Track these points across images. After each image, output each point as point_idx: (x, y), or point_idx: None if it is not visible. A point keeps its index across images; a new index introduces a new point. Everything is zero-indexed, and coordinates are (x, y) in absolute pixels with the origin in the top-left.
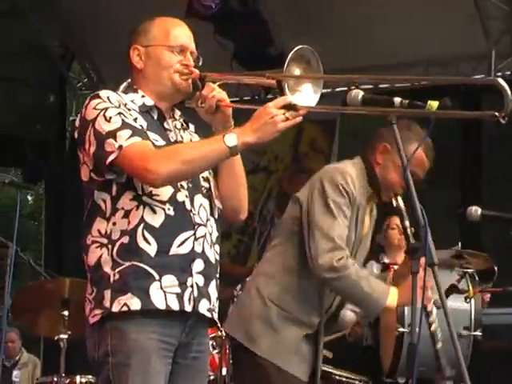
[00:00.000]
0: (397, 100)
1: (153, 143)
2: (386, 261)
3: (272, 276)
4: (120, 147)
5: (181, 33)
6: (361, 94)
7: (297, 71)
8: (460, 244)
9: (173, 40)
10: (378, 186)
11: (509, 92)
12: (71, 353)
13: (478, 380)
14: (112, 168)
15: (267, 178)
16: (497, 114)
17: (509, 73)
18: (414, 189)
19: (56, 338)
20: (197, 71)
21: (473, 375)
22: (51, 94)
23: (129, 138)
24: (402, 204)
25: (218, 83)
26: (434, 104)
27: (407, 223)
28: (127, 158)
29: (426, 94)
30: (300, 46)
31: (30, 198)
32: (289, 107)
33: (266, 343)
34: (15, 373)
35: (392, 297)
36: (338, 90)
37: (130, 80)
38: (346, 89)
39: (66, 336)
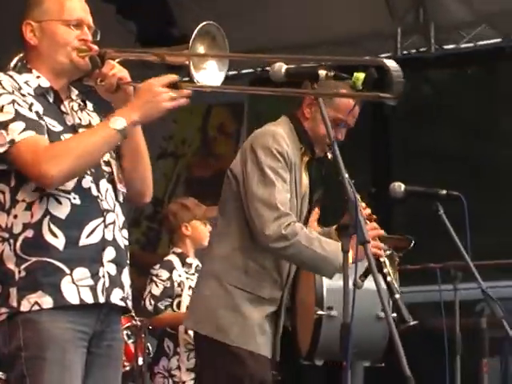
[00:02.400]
0: (322, 72)
1: (49, 129)
2: None
3: (226, 259)
4: (12, 141)
5: (76, 5)
6: (284, 66)
7: (201, 48)
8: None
9: (68, 13)
10: (309, 141)
11: (396, 73)
12: None
13: (396, 359)
14: (3, 160)
15: (175, 163)
16: (381, 94)
17: (414, 51)
18: (342, 162)
19: None
20: (96, 47)
21: (391, 355)
22: None
23: (22, 131)
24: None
25: (117, 60)
26: (360, 76)
27: (346, 175)
28: (19, 158)
29: (354, 67)
30: (205, 23)
31: None
32: (173, 86)
33: (237, 331)
34: None
35: None
36: (244, 71)
37: (21, 55)
38: (251, 70)
39: None
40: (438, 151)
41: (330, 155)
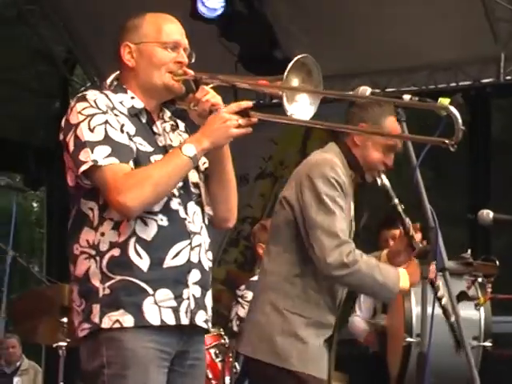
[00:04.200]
0: (406, 97)
1: (139, 150)
2: None
3: (282, 286)
4: (95, 161)
5: (173, 28)
6: (368, 90)
7: (295, 81)
8: (470, 251)
9: (165, 36)
10: (359, 168)
11: (459, 120)
12: (72, 360)
13: None
14: (86, 177)
15: (273, 184)
16: (447, 141)
17: None
18: (423, 190)
19: (55, 345)
20: (191, 72)
21: None
22: (56, 99)
23: (106, 156)
24: (387, 182)
25: (211, 85)
26: (444, 101)
27: (396, 201)
28: (100, 181)
29: (434, 96)
30: (302, 55)
31: (35, 204)
32: (242, 113)
33: (298, 357)
34: (16, 379)
35: (404, 279)
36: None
37: (117, 73)
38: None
39: (65, 344)
40: None
41: (379, 182)
